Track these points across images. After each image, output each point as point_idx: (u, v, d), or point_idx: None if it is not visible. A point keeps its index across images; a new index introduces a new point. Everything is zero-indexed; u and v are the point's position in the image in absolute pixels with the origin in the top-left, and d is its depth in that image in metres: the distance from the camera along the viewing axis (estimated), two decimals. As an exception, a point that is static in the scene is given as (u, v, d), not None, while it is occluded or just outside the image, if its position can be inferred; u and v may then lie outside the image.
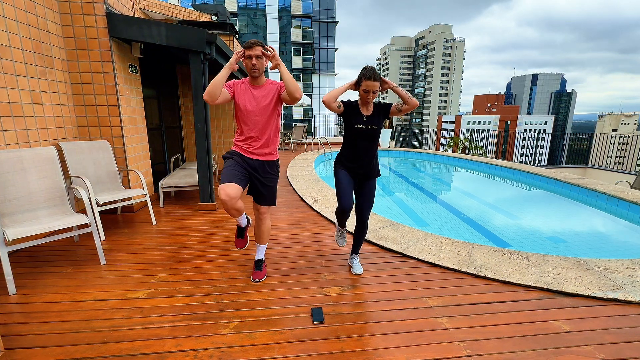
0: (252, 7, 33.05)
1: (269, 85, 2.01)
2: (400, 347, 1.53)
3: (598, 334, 1.64)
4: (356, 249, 2.29)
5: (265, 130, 2.01)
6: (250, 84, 1.99)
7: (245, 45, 1.91)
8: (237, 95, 1.97)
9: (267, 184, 2.08)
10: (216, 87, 1.82)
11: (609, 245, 3.68)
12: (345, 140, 2.11)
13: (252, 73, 1.94)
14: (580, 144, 9.24)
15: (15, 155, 2.30)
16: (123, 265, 2.32)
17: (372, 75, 1.87)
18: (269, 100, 1.98)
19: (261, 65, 1.92)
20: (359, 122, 2.00)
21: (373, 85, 1.88)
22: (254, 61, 1.89)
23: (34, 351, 1.48)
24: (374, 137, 2.05)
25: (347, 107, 2.02)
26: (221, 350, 1.50)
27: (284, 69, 1.89)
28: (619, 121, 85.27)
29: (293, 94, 1.87)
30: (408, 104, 1.95)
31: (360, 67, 2.00)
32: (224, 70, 1.85)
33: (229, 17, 7.45)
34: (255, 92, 1.98)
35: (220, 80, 1.83)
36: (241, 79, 2.03)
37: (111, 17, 3.07)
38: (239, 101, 1.97)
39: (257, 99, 1.97)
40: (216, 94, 1.84)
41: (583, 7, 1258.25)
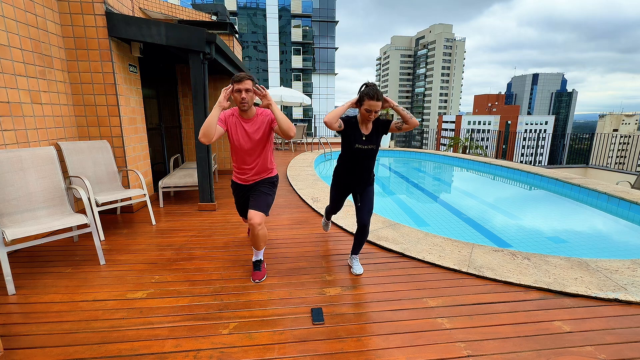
0: (252, 7, 33.04)
1: (260, 117, 2.05)
2: (401, 348, 1.53)
3: (599, 334, 1.63)
4: (356, 250, 2.28)
5: (259, 159, 2.12)
6: (241, 116, 2.03)
7: (234, 78, 1.92)
8: (230, 130, 2.04)
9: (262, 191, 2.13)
10: (210, 128, 1.86)
11: (609, 245, 3.67)
12: (344, 155, 2.17)
13: (241, 107, 1.97)
14: (581, 143, 9.23)
15: (14, 155, 2.29)
16: (122, 266, 2.32)
17: (375, 95, 1.88)
18: (261, 134, 2.05)
19: (251, 98, 1.95)
20: (358, 141, 2.04)
21: (375, 105, 1.90)
22: (243, 95, 1.91)
23: (34, 351, 1.48)
24: (371, 155, 2.11)
25: (346, 125, 2.04)
26: (221, 350, 1.50)
27: (276, 108, 1.95)
28: (620, 121, 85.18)
29: (287, 132, 1.95)
30: (408, 123, 1.98)
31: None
32: (214, 110, 1.88)
33: (228, 16, 7.44)
34: (246, 126, 2.03)
35: (212, 120, 1.86)
36: (230, 109, 2.05)
37: (111, 16, 3.06)
38: (233, 137, 2.05)
39: (249, 134, 2.04)
40: (211, 134, 1.87)
41: (584, 6, 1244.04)
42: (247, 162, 2.11)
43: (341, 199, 2.31)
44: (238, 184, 2.21)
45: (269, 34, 32.94)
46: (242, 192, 2.21)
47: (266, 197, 2.11)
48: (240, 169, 2.16)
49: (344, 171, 2.17)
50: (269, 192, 2.16)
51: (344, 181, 2.20)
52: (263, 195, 2.10)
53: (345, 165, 2.16)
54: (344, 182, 2.21)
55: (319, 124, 14.97)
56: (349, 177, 2.16)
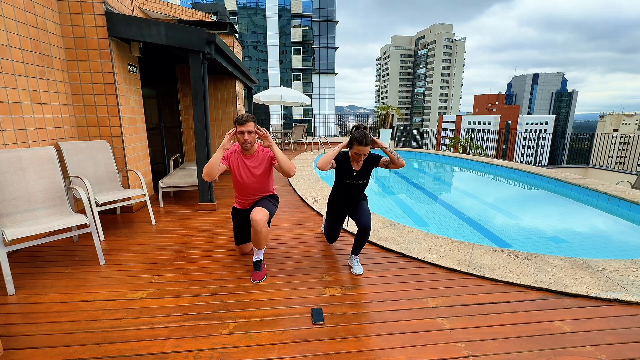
0: (252, 7, 33.03)
1: (261, 154, 2.20)
2: (401, 348, 1.53)
3: (599, 334, 1.63)
4: (357, 251, 2.28)
5: (260, 191, 2.28)
6: (242, 153, 2.17)
7: (237, 121, 2.04)
8: (232, 166, 2.19)
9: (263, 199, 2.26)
10: (213, 169, 2.02)
11: (610, 245, 3.66)
12: (336, 187, 2.35)
13: (243, 147, 2.11)
14: (581, 143, 9.22)
15: (14, 155, 2.29)
16: (122, 266, 2.31)
17: (364, 141, 2.05)
18: (262, 170, 2.21)
19: (253, 139, 2.09)
20: (350, 177, 2.23)
21: (364, 150, 2.08)
22: (246, 136, 2.05)
23: (33, 352, 1.47)
24: (362, 188, 2.31)
25: (339, 164, 2.22)
26: (221, 350, 1.50)
27: (277, 149, 2.10)
28: (620, 121, 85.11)
29: (287, 172, 2.10)
30: (395, 164, 2.16)
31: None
32: (218, 152, 2.03)
33: (228, 16, 7.43)
34: (248, 162, 2.18)
35: (216, 162, 2.02)
36: (232, 146, 2.17)
37: (110, 16, 3.06)
38: (235, 172, 2.20)
39: (250, 169, 2.19)
40: (214, 174, 2.04)
41: (584, 7, 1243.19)
42: (249, 194, 2.27)
43: (338, 222, 2.47)
44: (239, 209, 2.35)
45: (269, 33, 32.93)
46: (243, 214, 2.31)
47: (269, 203, 2.24)
48: (242, 198, 2.31)
49: (337, 201, 2.37)
50: (271, 202, 2.30)
51: (338, 208, 2.40)
52: (266, 202, 2.25)
53: (338, 197, 2.36)
54: (338, 209, 2.40)
55: (319, 124, 14.96)
56: (343, 205, 2.36)
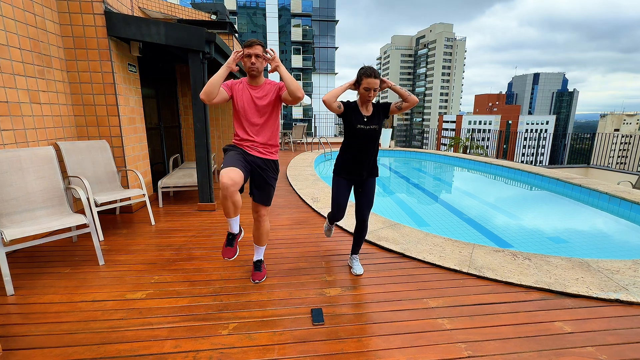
0: (252, 6, 33.00)
1: (268, 85, 1.97)
2: (401, 348, 1.52)
3: (600, 335, 1.63)
4: (356, 250, 2.28)
5: (264, 130, 1.97)
6: (249, 83, 1.95)
7: (244, 44, 1.87)
8: (235, 95, 1.93)
9: (268, 182, 2.03)
10: (213, 87, 1.79)
11: (611, 245, 3.66)
12: (346, 142, 2.08)
13: (250, 72, 1.90)
14: (582, 143, 9.21)
15: (13, 155, 2.29)
16: (122, 266, 2.31)
17: (372, 73, 1.88)
18: (268, 100, 1.94)
19: (260, 64, 1.89)
20: (360, 122, 1.99)
21: (374, 82, 1.89)
22: (252, 60, 1.85)
23: (32, 352, 1.47)
24: (375, 137, 2.04)
25: (347, 108, 2.00)
26: (220, 351, 1.49)
27: (284, 70, 1.85)
28: (621, 121, 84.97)
29: (295, 93, 1.83)
30: (408, 101, 1.96)
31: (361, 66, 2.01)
32: (222, 69, 1.81)
33: (228, 16, 7.42)
34: (253, 92, 1.94)
35: (217, 80, 1.79)
36: (240, 78, 2.00)
37: (110, 16, 3.05)
38: (237, 101, 1.93)
39: (255, 99, 1.93)
40: (213, 94, 1.80)
41: (584, 6, 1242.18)
42: (250, 133, 1.96)
43: (344, 195, 2.15)
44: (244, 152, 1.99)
45: (268, 33, 32.90)
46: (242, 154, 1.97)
47: (270, 190, 2.04)
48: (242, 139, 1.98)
49: (347, 158, 2.07)
50: (273, 183, 2.06)
51: (348, 170, 2.09)
52: (268, 187, 2.02)
53: (348, 152, 2.06)
54: (347, 171, 2.09)
55: (319, 124, 14.94)
56: (353, 164, 2.06)
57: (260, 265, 2.17)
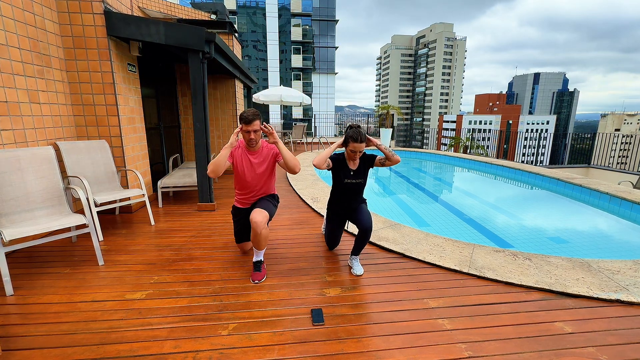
0: (252, 6, 32.99)
1: (265, 150, 2.20)
2: (401, 349, 1.52)
3: (600, 335, 1.62)
4: (357, 252, 2.27)
5: (262, 189, 2.26)
6: (247, 149, 2.18)
7: (243, 119, 2.04)
8: (235, 161, 2.17)
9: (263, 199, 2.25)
10: (219, 166, 2.03)
11: (611, 245, 3.65)
12: (335, 189, 2.34)
13: (249, 145, 2.13)
14: (583, 143, 9.20)
15: (12, 155, 2.28)
16: (121, 266, 2.31)
17: (359, 138, 2.08)
18: (265, 167, 2.20)
19: (258, 137, 2.12)
20: (347, 177, 2.24)
21: (359, 146, 2.10)
22: (251, 135, 2.07)
23: (32, 352, 1.47)
24: (361, 188, 2.31)
25: (335, 163, 2.22)
26: (220, 351, 1.49)
27: (282, 146, 2.10)
28: (622, 121, 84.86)
29: (293, 170, 2.10)
30: (390, 160, 2.17)
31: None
32: (224, 150, 2.04)
33: (228, 15, 7.42)
34: (252, 158, 2.18)
35: (222, 160, 2.03)
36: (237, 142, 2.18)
37: (109, 15, 3.05)
38: (238, 167, 2.19)
39: (254, 166, 2.19)
40: (220, 172, 2.05)
41: (584, 6, 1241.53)
42: (250, 191, 2.26)
43: (338, 229, 2.46)
44: (240, 208, 2.33)
45: (268, 32, 32.88)
46: (244, 214, 2.29)
47: (269, 204, 2.23)
48: (242, 195, 2.29)
49: (337, 203, 2.36)
50: (271, 202, 2.29)
51: (338, 212, 2.37)
52: (266, 202, 2.23)
53: (337, 199, 2.35)
54: (338, 213, 2.38)
55: (319, 124, 14.93)
56: (343, 208, 2.34)
57: (260, 265, 2.17)
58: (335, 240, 2.52)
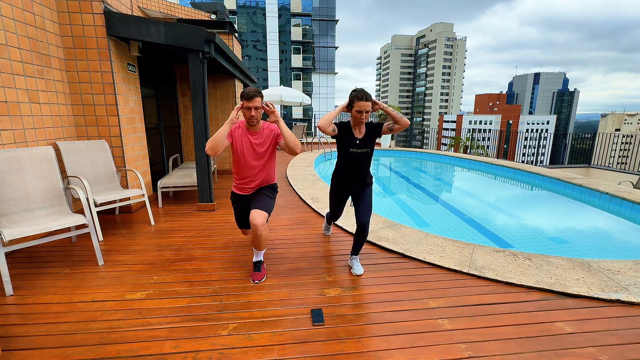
0: (252, 6, 32.98)
1: (266, 131, 2.12)
2: (401, 349, 1.52)
3: (601, 335, 1.62)
4: (356, 251, 2.27)
5: (262, 172, 2.17)
6: (247, 130, 2.10)
7: (244, 96, 1.97)
8: (235, 141, 2.08)
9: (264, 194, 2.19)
10: (218, 142, 1.94)
11: (611, 245, 3.65)
12: (340, 160, 2.22)
13: (250, 122, 2.04)
14: (583, 143, 9.20)
15: (12, 155, 2.28)
16: (121, 266, 2.30)
17: (364, 96, 1.96)
18: (266, 148, 2.11)
19: (259, 115, 2.04)
20: (352, 145, 2.11)
21: (365, 105, 1.97)
22: (252, 112, 1.99)
23: (31, 353, 1.47)
24: (368, 159, 2.17)
25: (340, 130, 2.10)
26: (220, 351, 1.49)
27: (283, 125, 2.02)
28: (622, 120, 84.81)
29: (293, 149, 2.03)
30: (399, 123, 2.04)
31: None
32: (225, 126, 1.96)
33: (228, 15, 7.42)
34: (252, 138, 2.10)
35: (222, 136, 1.95)
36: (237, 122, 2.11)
37: (109, 15, 3.05)
38: (237, 147, 2.09)
39: (254, 146, 2.10)
40: (219, 149, 1.96)
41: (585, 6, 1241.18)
42: (249, 175, 2.16)
43: (341, 203, 2.37)
44: (238, 195, 2.26)
45: (268, 32, 32.88)
46: (243, 201, 2.25)
47: (269, 201, 2.17)
48: (241, 180, 2.19)
49: (341, 175, 2.23)
50: (271, 196, 2.22)
51: (342, 185, 2.26)
52: (266, 199, 2.17)
53: (342, 169, 2.22)
54: (342, 185, 2.26)
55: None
56: (347, 180, 2.22)
57: (259, 265, 2.17)
58: (338, 214, 2.44)
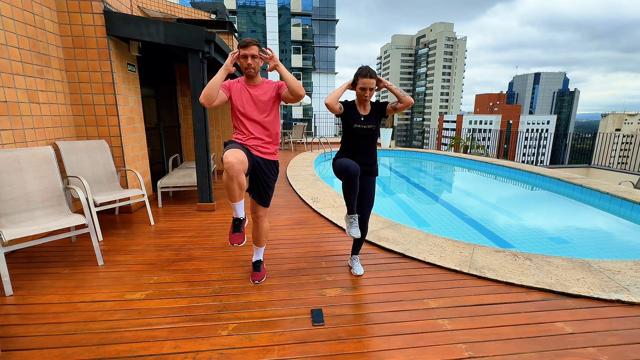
0: (252, 5, 32.95)
1: (266, 84, 1.97)
2: (401, 349, 1.52)
3: (601, 335, 1.62)
4: (356, 250, 2.27)
5: (265, 127, 1.96)
6: (247, 83, 1.95)
7: (240, 44, 1.85)
8: (233, 95, 1.92)
9: (268, 184, 2.03)
10: (213, 90, 1.77)
11: (612, 245, 3.64)
12: (344, 140, 2.11)
13: (247, 72, 1.90)
14: (583, 143, 9.19)
15: (12, 155, 2.28)
16: (121, 266, 2.30)
17: (368, 73, 1.90)
18: (267, 97, 1.93)
19: (257, 64, 1.88)
20: (357, 122, 2.02)
21: (369, 82, 1.91)
22: (249, 60, 1.84)
23: (31, 353, 1.46)
24: (372, 136, 2.06)
25: (345, 108, 2.03)
26: (220, 352, 1.49)
27: (283, 68, 1.85)
28: (622, 120, 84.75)
29: (296, 91, 1.84)
30: (403, 102, 1.97)
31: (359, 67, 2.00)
32: (220, 72, 1.81)
33: (227, 15, 7.41)
34: (252, 90, 1.93)
35: (216, 83, 1.78)
36: (237, 78, 1.99)
37: (109, 15, 3.04)
38: (236, 101, 1.91)
39: (254, 98, 1.92)
40: (213, 97, 1.78)
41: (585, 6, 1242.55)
42: (252, 130, 1.93)
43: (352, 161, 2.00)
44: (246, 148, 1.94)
45: (268, 32, 32.85)
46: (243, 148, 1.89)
47: (269, 191, 2.03)
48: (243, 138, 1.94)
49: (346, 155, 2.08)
50: (272, 184, 2.05)
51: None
52: (268, 190, 2.02)
53: (346, 149, 2.09)
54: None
55: (319, 124, 14.92)
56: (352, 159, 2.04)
57: (259, 265, 2.16)
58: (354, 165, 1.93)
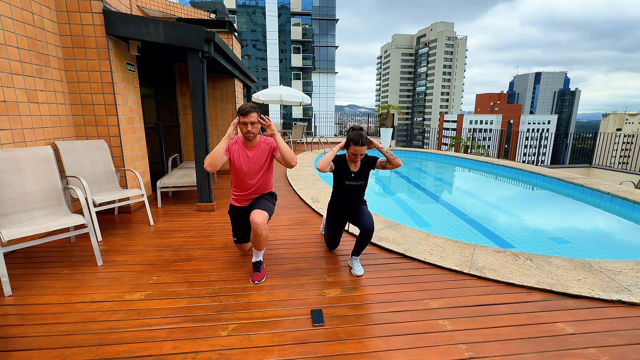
0: (251, 5, 32.92)
1: (263, 145, 2.18)
2: (402, 350, 1.51)
3: (602, 336, 1.61)
4: (357, 252, 2.26)
5: (259, 184, 2.22)
6: (244, 144, 2.16)
7: (240, 112, 2.03)
8: (232, 156, 2.16)
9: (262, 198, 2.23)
10: (216, 159, 2.01)
11: (613, 246, 3.64)
12: (335, 190, 2.35)
13: (247, 137, 2.11)
14: (584, 143, 9.17)
15: (10, 155, 2.27)
16: (120, 267, 2.30)
17: (360, 141, 2.08)
18: (263, 161, 2.18)
19: (256, 129, 2.09)
20: (348, 179, 2.24)
21: (361, 149, 2.11)
22: (249, 127, 2.05)
23: (30, 353, 1.46)
24: (362, 189, 2.31)
25: (337, 165, 2.23)
26: (220, 352, 1.48)
27: (280, 139, 2.09)
28: (623, 120, 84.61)
29: (290, 163, 2.10)
30: (392, 164, 2.18)
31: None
32: (223, 142, 2.03)
33: (227, 14, 7.40)
34: (249, 152, 2.16)
35: (219, 152, 2.01)
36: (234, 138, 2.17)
37: (108, 14, 3.03)
38: (235, 162, 2.16)
39: (251, 160, 2.16)
40: (217, 165, 2.02)
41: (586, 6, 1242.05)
42: (247, 188, 2.21)
43: (338, 230, 2.46)
44: (237, 207, 2.30)
45: (268, 32, 32.82)
46: (242, 212, 2.27)
47: (269, 204, 2.21)
48: (240, 193, 2.24)
49: (337, 205, 2.35)
50: (271, 201, 2.26)
51: (338, 215, 2.37)
52: (266, 202, 2.21)
53: (338, 200, 2.35)
54: (337, 216, 2.38)
55: (319, 124, 14.90)
56: (343, 210, 2.34)
57: (259, 266, 2.16)
58: (335, 242, 2.51)
